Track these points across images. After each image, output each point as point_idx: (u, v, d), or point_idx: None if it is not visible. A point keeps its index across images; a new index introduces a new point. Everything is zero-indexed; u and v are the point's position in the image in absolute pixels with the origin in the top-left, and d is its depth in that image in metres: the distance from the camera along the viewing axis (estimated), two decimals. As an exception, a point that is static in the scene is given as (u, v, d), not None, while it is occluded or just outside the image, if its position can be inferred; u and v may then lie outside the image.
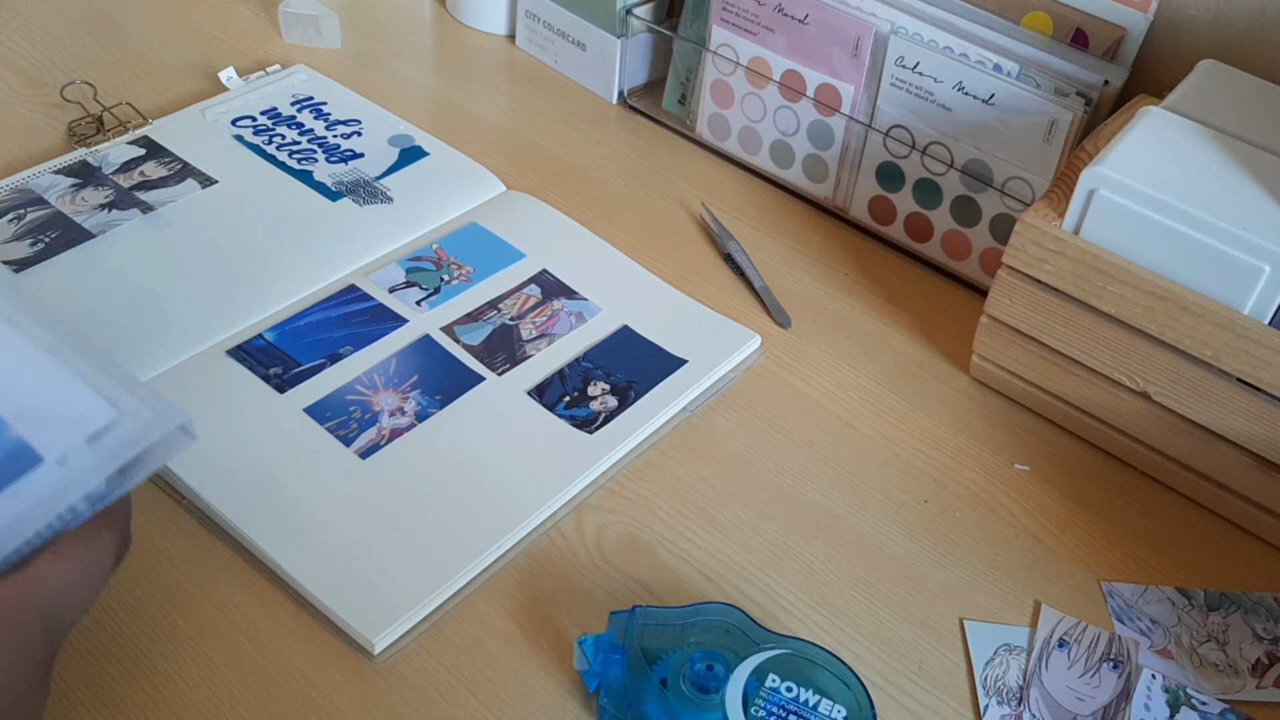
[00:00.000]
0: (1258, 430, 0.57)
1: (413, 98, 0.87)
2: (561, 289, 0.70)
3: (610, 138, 0.85)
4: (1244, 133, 0.60)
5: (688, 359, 0.66)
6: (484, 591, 0.54)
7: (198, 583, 0.53)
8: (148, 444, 0.45)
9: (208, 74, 0.86)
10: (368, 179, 0.76)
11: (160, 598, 0.53)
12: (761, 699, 0.47)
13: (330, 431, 0.59)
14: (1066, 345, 0.62)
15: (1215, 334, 0.56)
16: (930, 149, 0.73)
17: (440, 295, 0.68)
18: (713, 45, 0.80)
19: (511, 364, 0.65)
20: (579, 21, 0.87)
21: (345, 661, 0.51)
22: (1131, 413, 0.62)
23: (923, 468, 0.63)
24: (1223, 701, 0.53)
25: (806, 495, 0.61)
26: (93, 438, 0.44)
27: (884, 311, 0.73)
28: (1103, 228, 0.58)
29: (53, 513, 0.43)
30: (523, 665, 0.52)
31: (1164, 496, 0.63)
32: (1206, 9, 0.69)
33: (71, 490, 0.43)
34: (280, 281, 0.68)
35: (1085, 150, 0.63)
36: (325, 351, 0.64)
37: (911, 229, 0.77)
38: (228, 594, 0.53)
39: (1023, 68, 0.68)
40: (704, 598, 0.55)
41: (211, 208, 0.72)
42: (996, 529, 0.60)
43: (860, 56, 0.73)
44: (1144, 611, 0.57)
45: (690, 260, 0.75)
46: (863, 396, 0.67)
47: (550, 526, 0.57)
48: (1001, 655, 0.54)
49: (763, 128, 0.81)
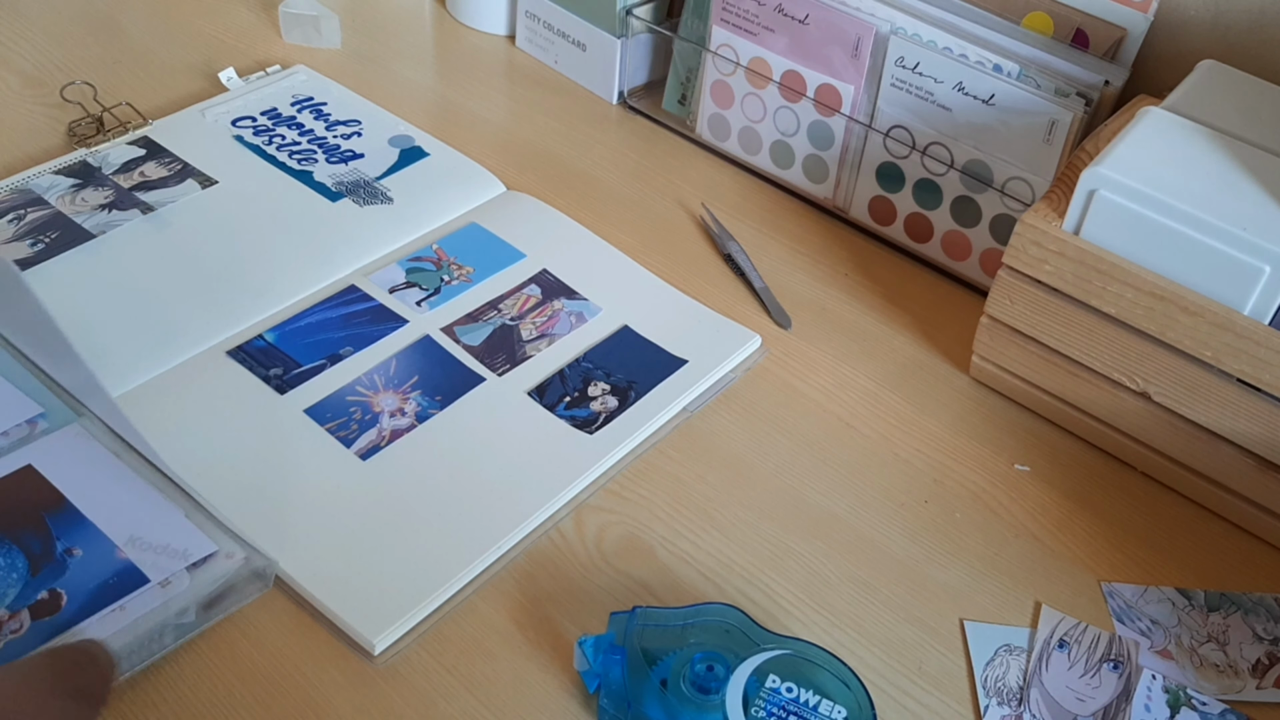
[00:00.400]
0: (1258, 430, 0.57)
1: (413, 98, 0.87)
2: (561, 289, 0.70)
3: (610, 138, 0.85)
4: (1244, 133, 0.60)
5: (688, 359, 0.66)
6: (484, 592, 0.54)
7: (198, 583, 0.53)
8: (237, 578, 0.51)
9: (208, 74, 0.86)
10: (368, 179, 0.76)
11: (160, 598, 0.53)
12: (762, 699, 0.47)
13: (331, 433, 0.59)
14: (1066, 345, 0.62)
15: (1215, 334, 0.56)
16: (930, 149, 0.73)
17: (440, 295, 0.68)
18: (713, 45, 0.80)
19: (512, 364, 0.65)
20: (579, 22, 0.87)
21: (345, 662, 0.51)
22: (1131, 413, 0.62)
23: (923, 468, 0.63)
24: (1223, 702, 0.53)
25: (807, 496, 0.61)
26: (193, 566, 0.51)
27: (884, 312, 0.73)
28: (1103, 228, 0.58)
29: (153, 626, 0.49)
30: (523, 665, 0.52)
31: (1164, 497, 0.63)
32: (1206, 9, 0.69)
33: (172, 607, 0.49)
34: (280, 282, 0.68)
35: (1085, 151, 0.63)
36: (325, 352, 0.64)
37: (911, 229, 0.77)
38: (228, 594, 0.53)
39: (1023, 68, 0.68)
40: (704, 598, 0.55)
41: (211, 208, 0.72)
42: (996, 529, 0.60)
43: (860, 57, 0.73)
44: (1144, 612, 0.57)
45: (690, 260, 0.75)
46: (863, 397, 0.67)
47: (550, 527, 0.57)
48: (1002, 656, 0.54)
49: (763, 128, 0.81)
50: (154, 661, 0.50)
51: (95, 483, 0.54)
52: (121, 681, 0.49)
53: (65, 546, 0.51)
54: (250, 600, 0.52)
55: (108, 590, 0.50)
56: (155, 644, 0.49)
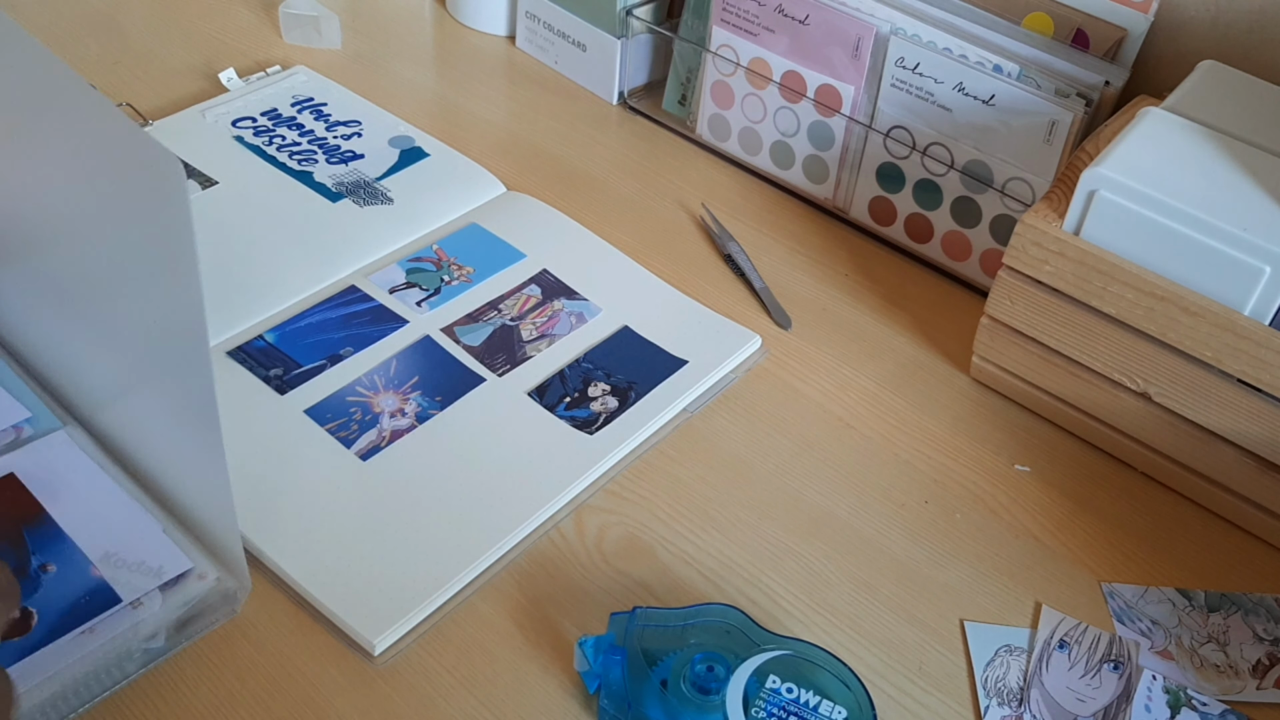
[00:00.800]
0: (1258, 431, 0.57)
1: (413, 98, 0.87)
2: (562, 289, 0.70)
3: (610, 138, 0.85)
4: (1244, 133, 0.60)
5: (688, 360, 0.66)
6: (484, 592, 0.54)
7: (198, 584, 0.53)
8: (208, 600, 0.50)
9: (208, 75, 0.86)
10: (368, 180, 0.76)
11: (160, 599, 0.53)
12: (762, 700, 0.47)
13: (331, 433, 0.59)
14: (1067, 346, 0.62)
15: (1215, 335, 0.56)
16: (930, 150, 0.73)
17: (440, 296, 0.68)
18: (713, 46, 0.80)
19: (512, 365, 0.65)
20: (579, 22, 0.87)
21: (345, 662, 0.51)
22: (1132, 413, 0.62)
23: (923, 468, 0.63)
24: (1223, 702, 0.53)
25: (807, 496, 0.61)
26: (166, 585, 0.50)
27: (884, 312, 0.73)
28: (1103, 228, 0.58)
29: (121, 651, 0.48)
30: (523, 666, 0.52)
31: (1164, 497, 0.63)
32: (1206, 9, 0.69)
33: (141, 631, 0.48)
34: (280, 282, 0.68)
35: (1085, 151, 0.63)
36: (325, 352, 0.64)
37: (912, 230, 0.77)
38: (228, 595, 0.53)
39: (1023, 68, 0.68)
40: (704, 599, 0.55)
41: (212, 209, 0.72)
42: (996, 529, 0.60)
43: (860, 57, 0.73)
44: (1144, 612, 0.57)
45: (690, 261, 0.75)
46: (863, 397, 0.67)
47: (550, 527, 0.57)
48: (1002, 656, 0.54)
49: (763, 128, 0.81)
50: (115, 693, 0.48)
51: (75, 494, 0.53)
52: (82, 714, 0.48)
53: (40, 562, 0.50)
54: (218, 625, 0.51)
55: (79, 610, 0.48)
56: (118, 671, 0.48)
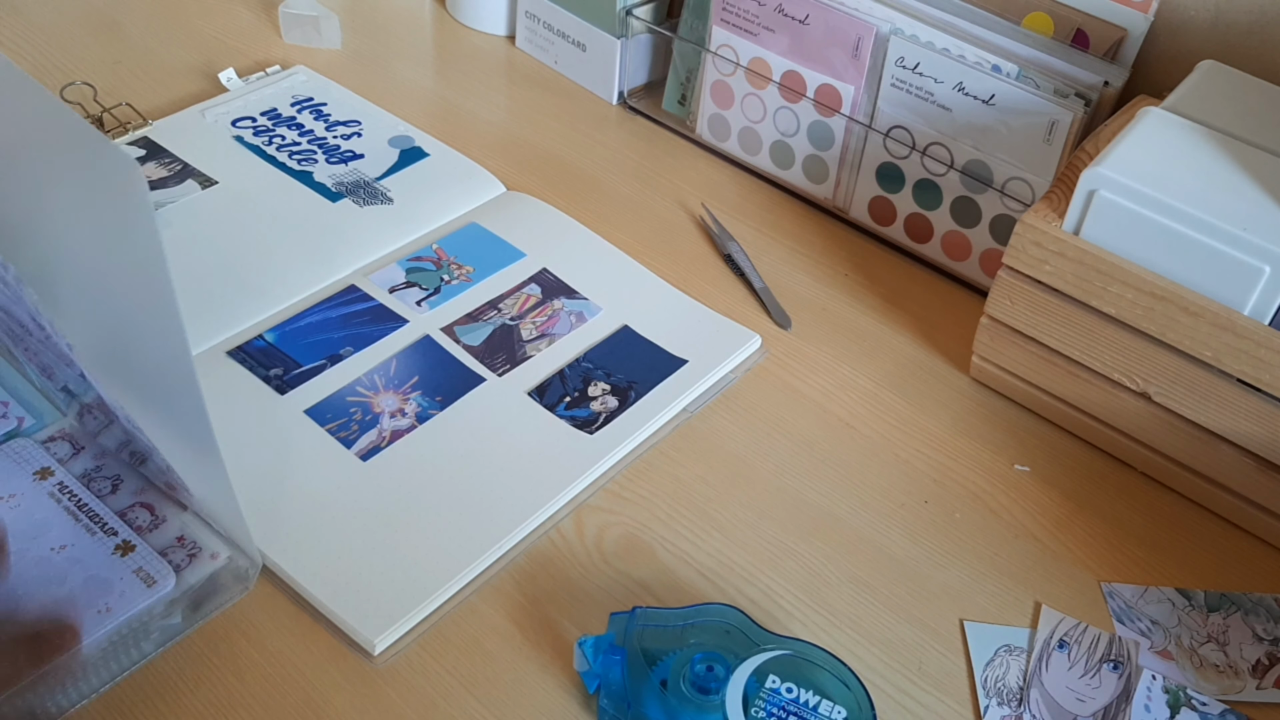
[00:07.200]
0: (1258, 430, 0.57)
1: (413, 98, 0.87)
2: (562, 288, 0.70)
3: (610, 138, 0.85)
4: (1244, 133, 0.60)
5: (688, 359, 0.66)
6: (484, 592, 0.54)
7: (198, 583, 0.53)
8: (221, 578, 0.51)
9: (208, 75, 0.86)
10: (368, 180, 0.76)
11: (160, 598, 0.53)
12: (762, 700, 0.47)
13: (331, 433, 0.59)
14: (1066, 346, 0.62)
15: (1215, 334, 0.56)
16: (930, 149, 0.73)
17: (440, 295, 0.68)
18: (713, 46, 0.80)
19: (512, 364, 0.65)
20: (579, 22, 0.87)
21: (345, 662, 0.51)
22: (1131, 413, 0.62)
23: (923, 468, 0.63)
24: (1223, 702, 0.53)
25: (806, 496, 0.61)
26: (180, 566, 0.51)
27: (884, 312, 0.73)
28: (1103, 228, 0.58)
29: (138, 629, 0.49)
30: (523, 666, 0.52)
31: (1164, 497, 0.63)
32: (1206, 9, 0.69)
33: (157, 609, 0.49)
34: (280, 282, 0.68)
35: (1085, 151, 0.63)
36: (325, 352, 0.64)
37: (911, 229, 0.77)
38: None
39: (1023, 68, 0.68)
40: (704, 598, 0.55)
41: (212, 208, 0.72)
42: (996, 529, 0.60)
43: (860, 57, 0.73)
44: (1144, 612, 0.57)
45: (690, 260, 0.75)
46: (863, 397, 0.67)
47: (550, 527, 0.57)
48: (1001, 656, 0.54)
49: (763, 128, 0.81)
50: (134, 672, 0.49)
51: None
52: (105, 692, 0.48)
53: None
54: (233, 603, 0.52)
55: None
56: (136, 651, 0.49)
